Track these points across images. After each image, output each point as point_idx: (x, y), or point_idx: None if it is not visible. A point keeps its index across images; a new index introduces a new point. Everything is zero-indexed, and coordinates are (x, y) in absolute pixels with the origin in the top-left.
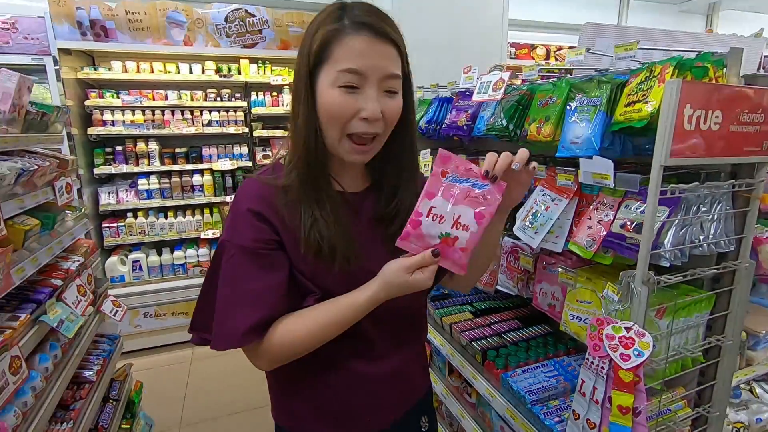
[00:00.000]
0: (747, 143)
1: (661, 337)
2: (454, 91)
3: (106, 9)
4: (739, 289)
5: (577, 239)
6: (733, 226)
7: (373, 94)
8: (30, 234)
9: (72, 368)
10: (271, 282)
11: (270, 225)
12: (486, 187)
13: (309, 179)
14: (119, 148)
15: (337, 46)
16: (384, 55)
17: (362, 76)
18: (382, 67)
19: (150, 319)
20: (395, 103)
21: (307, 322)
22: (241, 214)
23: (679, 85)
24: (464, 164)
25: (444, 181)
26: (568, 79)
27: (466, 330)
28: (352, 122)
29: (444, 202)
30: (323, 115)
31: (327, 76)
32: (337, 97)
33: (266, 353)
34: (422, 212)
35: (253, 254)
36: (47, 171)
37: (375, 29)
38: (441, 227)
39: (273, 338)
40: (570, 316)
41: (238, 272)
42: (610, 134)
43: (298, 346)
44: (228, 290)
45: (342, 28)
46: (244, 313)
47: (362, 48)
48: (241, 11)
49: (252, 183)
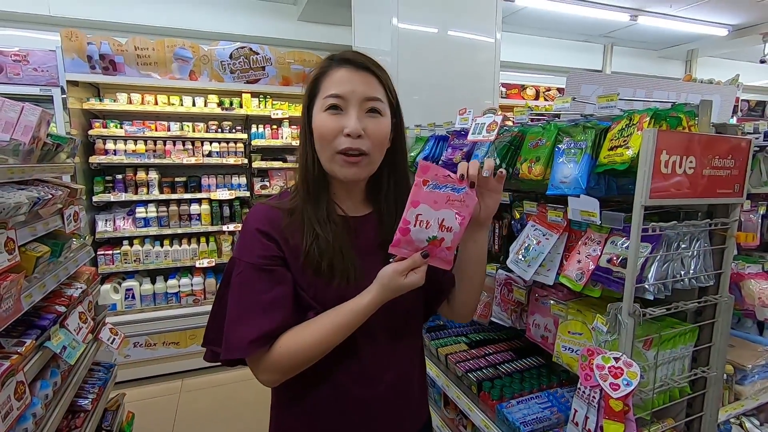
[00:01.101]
0: (720, 186)
1: (648, 368)
2: (449, 130)
3: (116, 44)
4: (721, 322)
5: (567, 272)
6: (712, 262)
7: (353, 114)
8: (41, 261)
9: (70, 396)
10: (277, 294)
11: (276, 243)
12: (463, 190)
13: (310, 200)
14: (119, 177)
15: (324, 80)
16: (363, 81)
17: (344, 99)
18: (361, 91)
19: (140, 349)
20: (379, 123)
21: (312, 330)
22: (250, 234)
23: (655, 134)
24: (442, 172)
25: (425, 189)
26: (556, 123)
27: (461, 361)
28: (338, 139)
29: (428, 208)
30: (316, 139)
31: (318, 106)
32: (324, 119)
33: (273, 364)
34: (410, 220)
35: (261, 269)
36: (59, 200)
37: (354, 62)
38: (428, 232)
39: (280, 347)
40: (562, 347)
41: (247, 286)
42: (595, 175)
43: (304, 354)
44: (237, 302)
45: (328, 65)
46: (252, 322)
47: (343, 77)
48: (245, 49)
49: (260, 207)
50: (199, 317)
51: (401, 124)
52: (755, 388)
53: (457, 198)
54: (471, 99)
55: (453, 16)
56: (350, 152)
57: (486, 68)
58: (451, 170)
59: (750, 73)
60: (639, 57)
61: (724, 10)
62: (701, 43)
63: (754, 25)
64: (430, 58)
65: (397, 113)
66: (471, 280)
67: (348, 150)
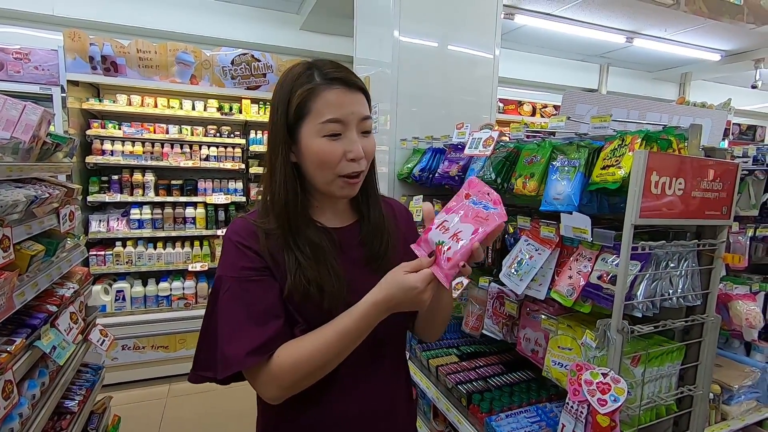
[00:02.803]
0: (708, 207)
1: (635, 385)
2: (446, 144)
3: (119, 46)
4: (708, 341)
5: (558, 288)
6: (699, 282)
7: (354, 137)
8: (35, 259)
9: (57, 397)
10: (269, 303)
11: (259, 255)
12: (495, 210)
13: (289, 224)
14: (115, 178)
15: (315, 102)
16: (357, 102)
17: (343, 123)
18: (357, 112)
19: (128, 352)
20: (372, 141)
21: (312, 339)
22: (232, 248)
23: (646, 155)
24: (485, 189)
25: (466, 203)
26: (551, 140)
27: (452, 373)
28: (341, 164)
29: (456, 218)
30: (314, 163)
31: (310, 128)
32: (325, 146)
33: (273, 377)
34: (436, 223)
35: (248, 281)
36: (55, 199)
37: (346, 82)
38: (441, 236)
39: (279, 358)
40: (552, 362)
41: (237, 300)
42: (588, 193)
43: (307, 365)
44: (229, 319)
45: (317, 86)
46: (247, 334)
47: (339, 100)
48: (247, 56)
49: (240, 221)
50: (190, 321)
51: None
52: (741, 408)
53: (483, 216)
54: (469, 114)
55: (454, 31)
56: (353, 175)
57: (484, 84)
58: (447, 182)
59: (742, 97)
60: (634, 78)
61: (717, 36)
62: (695, 66)
63: (746, 51)
64: (430, 71)
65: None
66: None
67: (352, 174)
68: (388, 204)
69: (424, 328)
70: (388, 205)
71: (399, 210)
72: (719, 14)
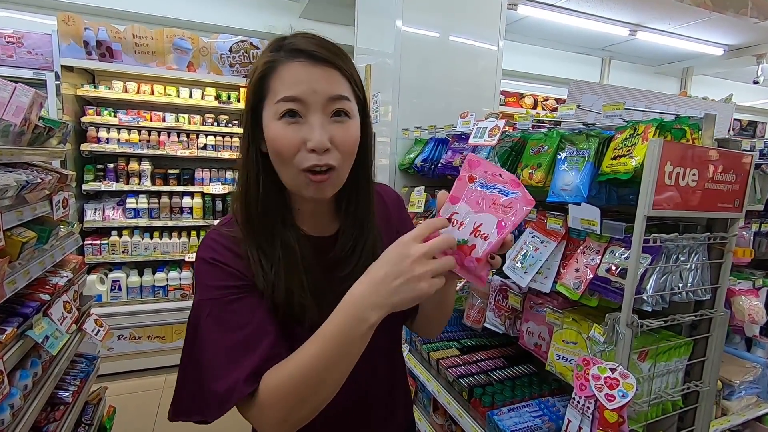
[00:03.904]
0: (720, 200)
1: (642, 380)
2: (450, 134)
3: (114, 31)
4: (715, 337)
5: (564, 281)
6: (709, 276)
7: (317, 122)
8: (26, 246)
9: (50, 387)
10: (257, 322)
11: (238, 271)
12: (515, 194)
13: (259, 228)
14: (111, 166)
15: (273, 78)
16: (323, 77)
17: (302, 103)
18: (323, 89)
19: (124, 342)
20: (347, 129)
21: (296, 355)
22: (207, 266)
23: (661, 144)
24: (492, 169)
25: (471, 187)
26: (558, 130)
27: (453, 366)
28: (300, 155)
29: (468, 208)
30: (272, 153)
31: (269, 111)
32: (280, 130)
33: (261, 407)
34: (443, 216)
35: (229, 303)
36: (48, 185)
37: (310, 54)
38: (460, 233)
39: (265, 385)
40: (556, 356)
41: (220, 326)
42: (596, 184)
43: (293, 388)
44: (213, 349)
45: (277, 59)
46: (239, 364)
47: (298, 74)
48: (246, 43)
49: (212, 234)
50: (187, 312)
51: (369, 124)
52: (742, 403)
53: (504, 203)
54: (471, 105)
55: (457, 22)
56: (316, 169)
57: (487, 76)
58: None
59: (743, 93)
60: (636, 72)
61: (720, 30)
62: (697, 61)
63: (749, 46)
64: (433, 62)
65: (364, 108)
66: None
67: (314, 167)
68: (377, 194)
69: (425, 324)
70: (378, 194)
71: (390, 199)
72: (724, 7)
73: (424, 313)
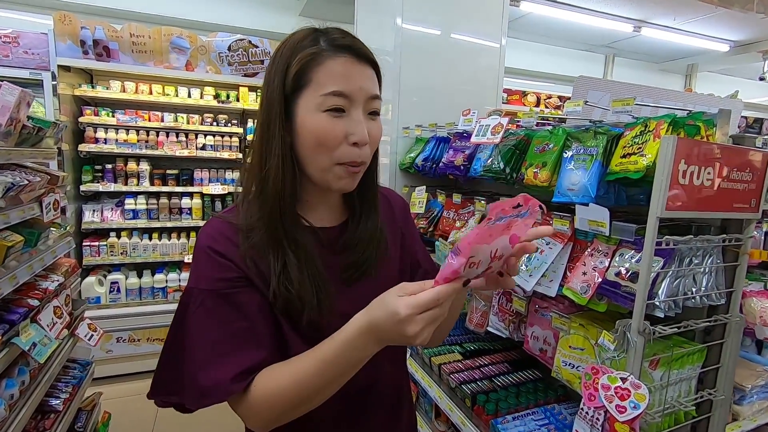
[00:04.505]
0: (736, 200)
1: (654, 389)
2: (451, 132)
3: (111, 30)
4: (730, 343)
5: (571, 284)
6: (723, 280)
7: (360, 117)
8: (12, 251)
9: (39, 396)
10: (247, 321)
11: (234, 263)
12: (526, 213)
13: (277, 218)
14: (109, 167)
15: (317, 70)
16: (366, 76)
17: (348, 99)
18: (366, 88)
19: (123, 345)
20: (379, 126)
21: (291, 368)
22: (204, 255)
23: (675, 142)
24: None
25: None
26: (564, 127)
27: (455, 372)
28: (341, 148)
29: (482, 247)
30: (309, 143)
31: (309, 102)
32: (325, 122)
33: (250, 408)
34: (459, 270)
35: (222, 296)
36: (37, 187)
37: (355, 51)
38: (478, 270)
39: (255, 386)
40: (562, 362)
41: (211, 317)
42: (605, 183)
43: (286, 400)
44: (202, 340)
45: (321, 51)
46: (228, 359)
47: (346, 70)
48: (244, 41)
49: (213, 222)
50: None
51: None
52: (753, 408)
53: (517, 221)
54: (473, 103)
55: (459, 19)
56: (354, 163)
57: (490, 73)
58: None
59: (748, 89)
60: (640, 69)
61: (726, 26)
62: (702, 58)
63: (755, 42)
64: (434, 60)
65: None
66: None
67: (354, 162)
68: (383, 196)
69: None
70: (384, 197)
71: (396, 202)
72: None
73: None
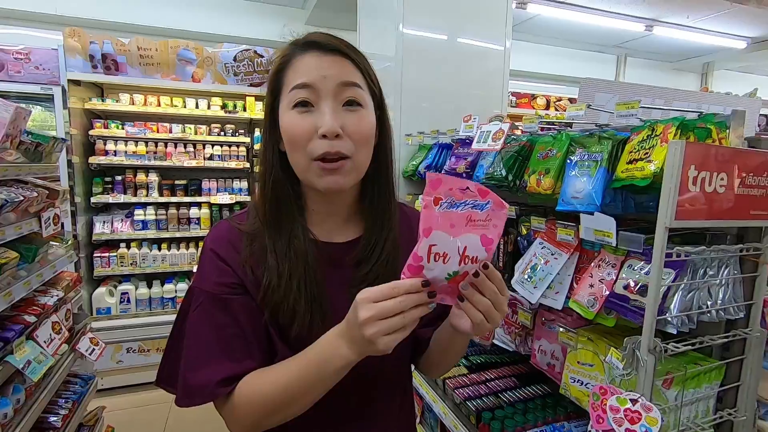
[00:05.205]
0: (753, 206)
1: (669, 410)
2: (454, 138)
3: (119, 44)
4: (751, 359)
5: (578, 297)
6: (741, 292)
7: (328, 108)
8: (6, 268)
9: (35, 414)
10: (238, 327)
11: (233, 269)
12: (487, 206)
13: (274, 223)
14: (119, 178)
15: (287, 71)
16: (335, 64)
17: (314, 90)
18: (334, 75)
19: (133, 355)
20: (360, 117)
21: (274, 373)
22: (207, 256)
23: (682, 146)
24: (458, 185)
25: (438, 210)
26: (568, 132)
27: (460, 387)
28: (312, 143)
29: (444, 235)
30: (286, 143)
31: (283, 103)
32: (293, 119)
33: (231, 413)
34: (422, 256)
35: (219, 300)
36: (35, 202)
37: (322, 45)
38: (447, 267)
39: (239, 393)
40: (570, 378)
41: (206, 319)
42: (611, 190)
43: (267, 403)
44: (196, 340)
45: (291, 53)
46: (215, 362)
47: (310, 63)
48: (250, 52)
49: (221, 225)
50: None
51: (386, 119)
52: None
53: (481, 217)
54: (479, 108)
55: (461, 22)
56: (328, 157)
57: (495, 76)
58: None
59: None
60: (653, 69)
61: (742, 22)
62: (718, 55)
63: None
64: (437, 65)
65: (381, 105)
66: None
67: (326, 155)
68: (405, 215)
69: (429, 368)
70: (406, 216)
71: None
72: None
73: (430, 359)
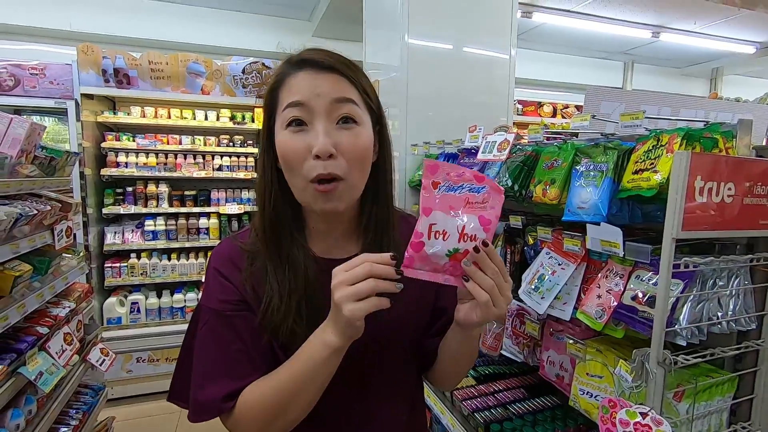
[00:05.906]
0: (762, 216)
1: (680, 423)
2: (460, 148)
3: (131, 59)
4: (764, 371)
5: (585, 308)
6: (753, 303)
7: (321, 127)
8: (20, 280)
9: (47, 425)
10: (241, 344)
11: (235, 287)
12: (484, 189)
13: (273, 242)
14: (129, 189)
15: (282, 89)
16: (328, 81)
17: (307, 108)
18: (327, 92)
19: (143, 365)
20: (356, 135)
21: (271, 378)
22: (211, 274)
23: (688, 157)
24: (455, 170)
25: (437, 193)
26: (573, 142)
27: (468, 398)
28: (307, 164)
29: (443, 215)
30: (282, 164)
31: (277, 123)
32: (287, 139)
33: (237, 422)
34: (422, 232)
35: (224, 317)
36: (48, 215)
37: (316, 63)
38: (447, 244)
39: (241, 403)
40: (579, 390)
41: (212, 336)
42: (617, 200)
43: (267, 410)
44: (202, 359)
45: (285, 72)
46: (218, 381)
47: (303, 81)
48: (258, 64)
49: (223, 244)
50: None
51: (386, 135)
52: None
53: (478, 199)
54: (485, 116)
55: (466, 31)
56: (322, 179)
57: (501, 85)
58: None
59: None
60: (661, 75)
61: (751, 27)
62: (727, 60)
63: None
64: (442, 74)
65: (380, 121)
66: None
67: (320, 177)
68: (407, 224)
69: (440, 377)
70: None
71: None
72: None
73: (441, 367)
